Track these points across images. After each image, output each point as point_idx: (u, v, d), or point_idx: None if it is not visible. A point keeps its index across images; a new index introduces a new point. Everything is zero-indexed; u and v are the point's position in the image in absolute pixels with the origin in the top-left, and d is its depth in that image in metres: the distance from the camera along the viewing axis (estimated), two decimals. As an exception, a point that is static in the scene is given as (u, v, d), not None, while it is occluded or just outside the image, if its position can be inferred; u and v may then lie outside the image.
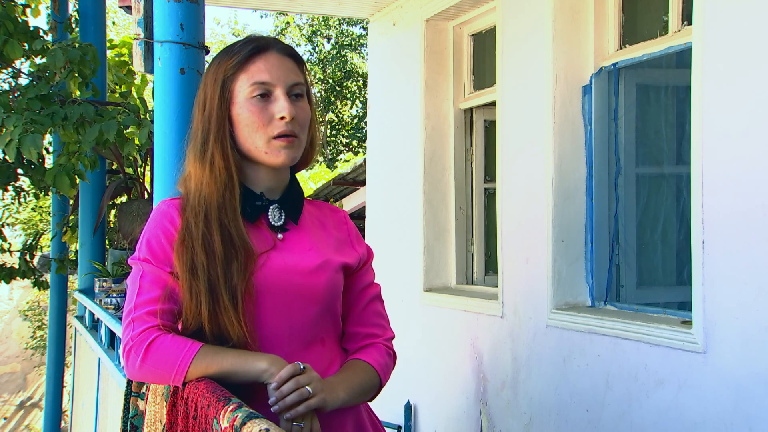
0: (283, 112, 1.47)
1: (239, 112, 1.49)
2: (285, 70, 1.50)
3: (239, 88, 1.48)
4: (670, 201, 3.55)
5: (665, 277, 3.53)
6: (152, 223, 1.51)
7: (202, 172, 1.48)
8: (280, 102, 1.47)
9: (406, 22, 4.66)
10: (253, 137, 1.48)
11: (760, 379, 2.35)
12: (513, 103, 3.62)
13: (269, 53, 1.50)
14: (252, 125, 1.48)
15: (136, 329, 1.42)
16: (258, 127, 1.47)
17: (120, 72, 5.90)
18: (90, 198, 4.76)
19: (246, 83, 1.48)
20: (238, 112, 1.49)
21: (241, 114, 1.48)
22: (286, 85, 1.49)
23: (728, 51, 2.49)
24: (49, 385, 6.07)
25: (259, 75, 1.48)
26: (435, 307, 4.29)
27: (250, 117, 1.47)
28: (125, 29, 13.39)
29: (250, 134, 1.48)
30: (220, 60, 1.51)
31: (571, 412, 3.17)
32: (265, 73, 1.48)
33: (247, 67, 1.48)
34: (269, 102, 1.48)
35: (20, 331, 15.31)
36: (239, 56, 1.49)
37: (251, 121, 1.47)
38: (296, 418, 1.36)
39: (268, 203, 1.54)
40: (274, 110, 1.48)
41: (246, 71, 1.48)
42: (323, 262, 1.53)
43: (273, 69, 1.49)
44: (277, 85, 1.48)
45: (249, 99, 1.48)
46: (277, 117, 1.47)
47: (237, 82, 1.49)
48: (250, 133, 1.48)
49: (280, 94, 1.48)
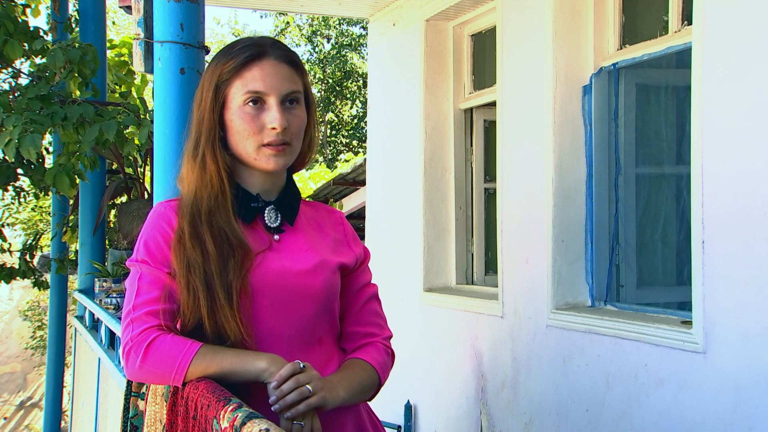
0: (274, 122, 1.46)
1: (232, 118, 1.48)
2: (280, 78, 1.49)
3: (233, 94, 1.48)
4: (670, 201, 3.55)
5: (665, 277, 3.53)
6: (149, 224, 1.51)
7: (194, 173, 1.49)
8: (272, 112, 1.47)
9: (406, 22, 4.66)
10: (243, 144, 1.48)
11: (760, 379, 2.35)
12: (513, 103, 3.62)
13: (265, 60, 1.49)
14: (243, 132, 1.48)
15: (135, 330, 1.42)
16: (249, 134, 1.47)
17: (120, 72, 5.90)
18: (90, 198, 4.76)
19: (240, 90, 1.47)
20: (231, 117, 1.49)
21: (233, 120, 1.48)
22: (280, 94, 1.48)
23: (728, 51, 2.49)
24: (49, 385, 6.07)
25: (253, 83, 1.47)
26: (435, 307, 4.29)
27: (242, 125, 1.47)
28: (125, 29, 13.39)
29: (241, 141, 1.48)
30: (218, 62, 1.51)
31: (571, 412, 3.17)
32: (259, 81, 1.47)
33: (243, 73, 1.48)
34: (262, 110, 1.48)
35: (20, 331, 15.31)
36: (235, 62, 1.48)
37: (243, 128, 1.47)
38: (297, 416, 1.36)
39: (264, 204, 1.55)
40: (266, 119, 1.47)
41: (241, 77, 1.48)
42: (320, 263, 1.53)
43: (268, 77, 1.47)
44: (271, 94, 1.47)
45: (242, 106, 1.47)
46: (269, 127, 1.47)
47: (231, 88, 1.48)
48: (240, 140, 1.48)
49: (273, 104, 1.47)
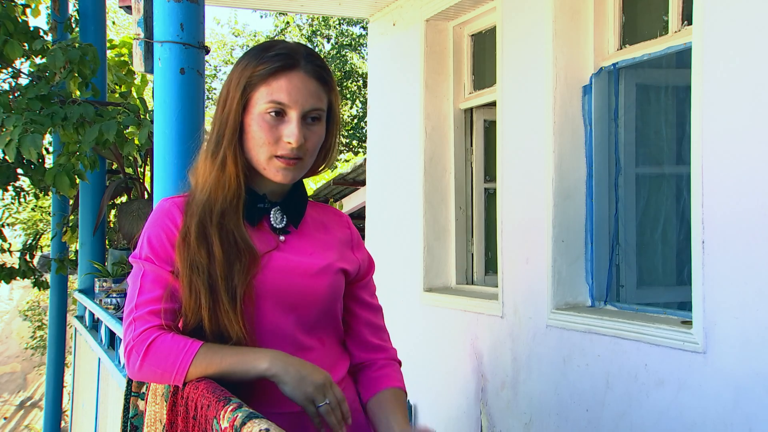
0: (291, 137, 1.45)
1: (251, 123, 1.47)
2: (306, 93, 1.47)
3: (257, 99, 1.47)
4: (670, 201, 3.55)
5: (665, 277, 3.53)
6: (153, 221, 1.50)
7: (212, 172, 1.48)
8: (291, 126, 1.46)
9: (406, 22, 4.66)
10: (257, 150, 1.48)
11: (760, 379, 2.35)
12: (513, 103, 3.62)
13: (295, 72, 1.47)
14: (259, 140, 1.47)
15: (137, 329, 1.42)
16: (264, 143, 1.46)
17: (120, 72, 5.91)
18: (90, 198, 4.76)
19: (264, 98, 1.46)
20: (250, 122, 1.48)
21: (252, 125, 1.47)
22: (302, 110, 1.46)
23: (728, 51, 2.49)
24: (49, 385, 6.07)
25: (278, 94, 1.45)
26: (435, 307, 4.29)
27: (259, 132, 1.46)
28: (125, 29, 13.38)
29: (255, 147, 1.48)
30: (248, 63, 1.49)
31: (571, 412, 3.17)
32: (284, 93, 1.45)
33: (270, 81, 1.46)
34: (281, 122, 1.46)
35: (20, 331, 15.31)
36: (265, 68, 1.46)
37: (259, 136, 1.46)
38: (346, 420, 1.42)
39: (271, 206, 1.54)
40: (284, 132, 1.46)
41: (268, 85, 1.46)
42: (325, 265, 1.54)
43: (294, 90, 1.46)
44: (293, 108, 1.46)
45: (263, 114, 1.46)
46: (285, 140, 1.46)
47: (256, 93, 1.47)
48: (254, 146, 1.48)
49: (294, 118, 1.46)
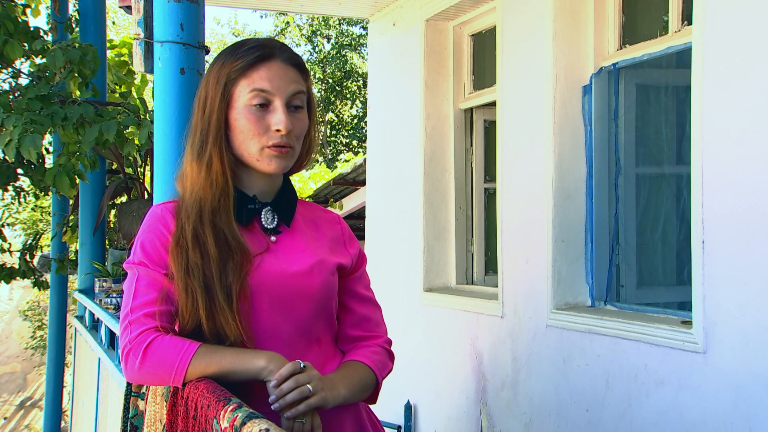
0: (279, 124, 1.47)
1: (236, 117, 1.48)
2: (287, 80, 1.49)
3: (239, 93, 1.48)
4: (670, 201, 3.55)
5: (665, 277, 3.53)
6: (146, 227, 1.51)
7: (199, 173, 1.49)
8: (278, 114, 1.47)
9: (406, 22, 4.66)
10: (247, 144, 1.48)
11: (760, 379, 2.35)
12: (513, 103, 3.62)
13: (273, 61, 1.49)
14: (248, 133, 1.48)
15: (133, 332, 1.42)
16: (253, 135, 1.47)
17: (120, 72, 5.90)
18: (90, 198, 4.75)
19: (246, 89, 1.47)
20: (235, 117, 1.48)
21: (238, 120, 1.48)
22: (285, 96, 1.48)
23: (728, 51, 2.49)
24: (49, 385, 6.07)
25: (260, 83, 1.47)
26: (435, 307, 4.29)
27: (247, 125, 1.47)
28: (125, 29, 13.38)
29: (245, 141, 1.48)
30: (224, 61, 1.51)
31: (571, 412, 3.17)
32: (266, 81, 1.47)
33: (250, 73, 1.48)
34: (267, 112, 1.48)
35: (20, 331, 15.30)
36: (243, 61, 1.48)
37: (247, 128, 1.47)
38: (297, 416, 1.36)
39: (261, 206, 1.55)
40: (271, 121, 1.47)
41: (247, 77, 1.48)
42: (317, 263, 1.54)
43: (275, 78, 1.48)
44: (277, 95, 1.48)
45: (247, 106, 1.47)
46: (273, 129, 1.47)
47: (237, 87, 1.48)
48: (244, 140, 1.48)
49: (279, 105, 1.48)
